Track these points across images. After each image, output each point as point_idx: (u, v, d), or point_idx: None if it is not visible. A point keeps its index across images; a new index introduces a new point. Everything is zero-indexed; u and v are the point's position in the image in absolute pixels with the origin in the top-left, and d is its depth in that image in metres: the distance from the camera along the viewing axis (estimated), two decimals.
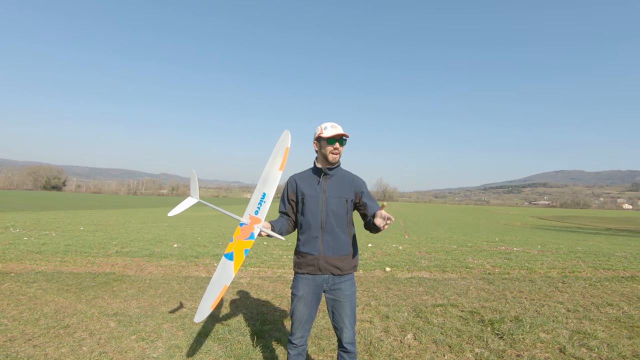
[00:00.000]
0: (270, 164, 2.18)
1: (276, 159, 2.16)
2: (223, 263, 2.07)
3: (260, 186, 2.17)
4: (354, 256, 2.23)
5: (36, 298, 4.40)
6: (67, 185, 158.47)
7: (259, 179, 2.19)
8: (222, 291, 1.97)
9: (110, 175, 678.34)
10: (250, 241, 2.03)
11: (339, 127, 2.13)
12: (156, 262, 6.45)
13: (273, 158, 2.17)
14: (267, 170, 2.17)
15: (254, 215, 2.10)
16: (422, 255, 7.82)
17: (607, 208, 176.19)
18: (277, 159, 2.16)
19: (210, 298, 1.99)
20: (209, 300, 1.98)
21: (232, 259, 2.04)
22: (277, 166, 2.15)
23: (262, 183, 2.16)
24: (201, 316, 1.96)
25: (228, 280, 1.99)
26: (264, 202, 2.11)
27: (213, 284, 2.04)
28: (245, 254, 2.02)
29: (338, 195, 2.15)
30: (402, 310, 4.14)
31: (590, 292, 5.04)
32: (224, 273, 2.03)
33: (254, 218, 2.09)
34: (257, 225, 2.06)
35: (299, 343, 2.15)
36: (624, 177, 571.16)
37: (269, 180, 2.15)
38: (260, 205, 2.11)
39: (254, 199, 2.15)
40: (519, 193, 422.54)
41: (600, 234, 17.65)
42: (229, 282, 1.98)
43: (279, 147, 2.17)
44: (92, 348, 3.04)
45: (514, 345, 3.16)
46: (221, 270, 2.06)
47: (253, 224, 2.07)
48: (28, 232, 10.37)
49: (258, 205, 2.12)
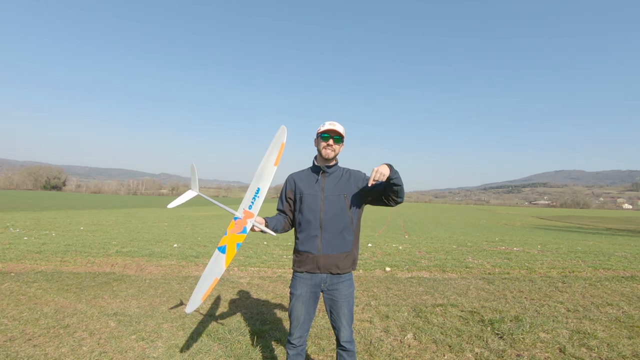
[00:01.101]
0: (266, 159, 2.19)
1: (271, 155, 2.17)
2: (216, 256, 2.11)
3: (255, 181, 2.18)
4: (353, 254, 2.22)
5: (36, 298, 4.41)
6: (67, 185, 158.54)
7: (254, 174, 2.20)
8: (212, 283, 2.01)
9: (110, 175, 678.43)
10: (242, 235, 2.06)
11: (337, 125, 2.15)
12: (156, 262, 6.45)
13: (268, 154, 2.18)
14: (262, 166, 2.18)
15: (248, 209, 2.12)
16: (422, 255, 7.82)
17: (607, 208, 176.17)
18: (272, 154, 2.17)
19: (201, 289, 2.03)
20: (200, 291, 2.03)
21: (224, 252, 2.07)
22: (272, 162, 2.16)
23: (257, 178, 2.18)
24: (193, 307, 2.02)
25: (219, 273, 2.03)
26: (258, 197, 2.12)
27: (205, 276, 2.08)
28: (237, 248, 2.05)
29: (337, 193, 2.16)
30: (402, 310, 4.14)
31: (590, 292, 5.04)
32: (216, 266, 2.07)
33: (248, 213, 2.11)
34: (250, 219, 2.08)
35: (298, 343, 2.15)
36: (624, 177, 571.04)
37: (264, 175, 2.16)
38: (254, 200, 2.13)
39: (249, 194, 2.17)
40: (519, 193, 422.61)
41: (600, 234, 17.65)
42: (219, 275, 2.02)
43: (275, 142, 2.17)
44: (92, 348, 3.04)
45: (514, 345, 3.16)
46: (214, 262, 2.10)
47: (246, 219, 2.09)
48: (28, 232, 10.37)
49: (252, 200, 2.13)
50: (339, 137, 2.15)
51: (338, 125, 2.15)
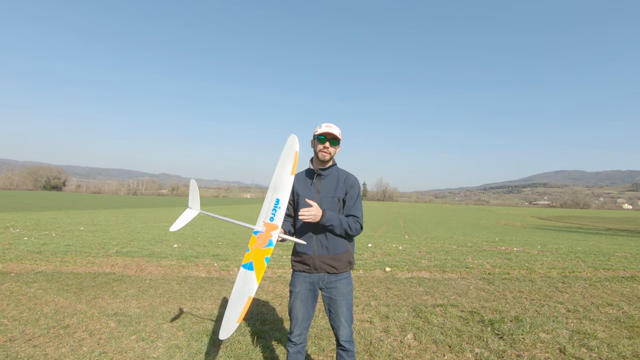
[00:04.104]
0: (280, 169, 2.11)
1: (286, 164, 2.10)
2: (243, 274, 1.99)
3: (272, 192, 2.11)
4: (349, 254, 2.23)
5: (36, 298, 4.41)
6: (67, 185, 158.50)
7: (269, 185, 2.13)
8: (247, 302, 1.88)
9: (110, 175, 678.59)
10: (269, 248, 1.97)
11: (334, 127, 2.15)
12: (156, 262, 6.45)
13: (282, 163, 2.11)
14: (278, 176, 2.11)
15: (269, 222, 2.05)
16: (422, 255, 7.82)
17: (607, 208, 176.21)
18: (287, 164, 2.10)
19: (235, 312, 1.88)
20: (235, 314, 1.87)
21: (252, 268, 1.97)
22: (287, 171, 2.09)
23: (273, 189, 2.11)
24: (227, 332, 1.84)
25: (252, 291, 1.90)
26: (279, 208, 2.05)
27: (236, 297, 1.95)
28: (266, 262, 1.95)
29: (332, 195, 2.19)
30: (402, 310, 4.14)
31: (590, 292, 5.05)
32: (246, 284, 1.94)
33: (270, 225, 2.04)
34: (275, 231, 2.01)
35: (298, 341, 2.17)
36: (624, 177, 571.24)
37: (281, 185, 2.09)
38: (275, 211, 2.06)
39: (267, 206, 2.09)
40: (519, 193, 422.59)
41: (600, 234, 17.65)
42: (253, 293, 1.89)
43: (287, 151, 2.10)
44: (92, 348, 3.04)
45: (514, 345, 3.16)
46: (242, 282, 1.98)
47: (269, 231, 2.02)
48: (28, 232, 10.37)
49: (272, 211, 2.06)
50: (336, 140, 2.18)
51: (335, 127, 2.16)
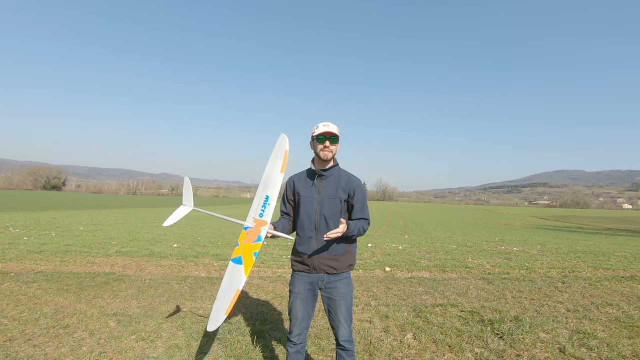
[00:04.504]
0: (270, 167, 2.17)
1: (276, 163, 2.16)
2: (232, 268, 2.04)
3: (262, 189, 2.16)
4: (350, 256, 2.23)
5: (36, 298, 4.40)
6: (67, 185, 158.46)
7: (260, 182, 2.19)
8: (235, 296, 1.92)
9: (110, 175, 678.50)
10: (258, 244, 2.02)
11: (331, 125, 2.16)
12: (156, 262, 6.45)
13: (272, 161, 2.17)
14: (268, 174, 2.17)
15: (259, 218, 2.10)
16: (422, 255, 7.82)
17: (607, 208, 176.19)
18: (277, 162, 2.16)
19: (223, 305, 1.93)
20: (223, 307, 1.92)
21: (241, 262, 2.01)
22: (277, 169, 2.14)
23: (264, 186, 2.16)
24: (215, 324, 1.89)
25: (240, 284, 1.94)
26: (269, 205, 2.11)
27: (225, 290, 2.00)
28: (255, 257, 2.01)
29: (333, 196, 2.17)
30: (402, 310, 4.14)
31: (590, 292, 5.04)
32: (235, 278, 1.99)
33: (260, 221, 2.09)
34: (264, 227, 2.06)
35: (298, 341, 2.17)
36: (624, 177, 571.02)
37: (271, 183, 2.15)
38: (264, 208, 2.11)
39: (257, 202, 2.15)
40: (519, 193, 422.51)
41: (600, 234, 17.66)
42: (241, 286, 1.93)
43: (278, 150, 2.16)
44: (92, 348, 3.04)
45: (514, 345, 3.16)
46: (231, 275, 2.03)
47: (259, 227, 2.07)
48: (28, 232, 10.37)
49: (262, 208, 2.11)
50: (335, 138, 2.17)
51: (332, 125, 2.16)
